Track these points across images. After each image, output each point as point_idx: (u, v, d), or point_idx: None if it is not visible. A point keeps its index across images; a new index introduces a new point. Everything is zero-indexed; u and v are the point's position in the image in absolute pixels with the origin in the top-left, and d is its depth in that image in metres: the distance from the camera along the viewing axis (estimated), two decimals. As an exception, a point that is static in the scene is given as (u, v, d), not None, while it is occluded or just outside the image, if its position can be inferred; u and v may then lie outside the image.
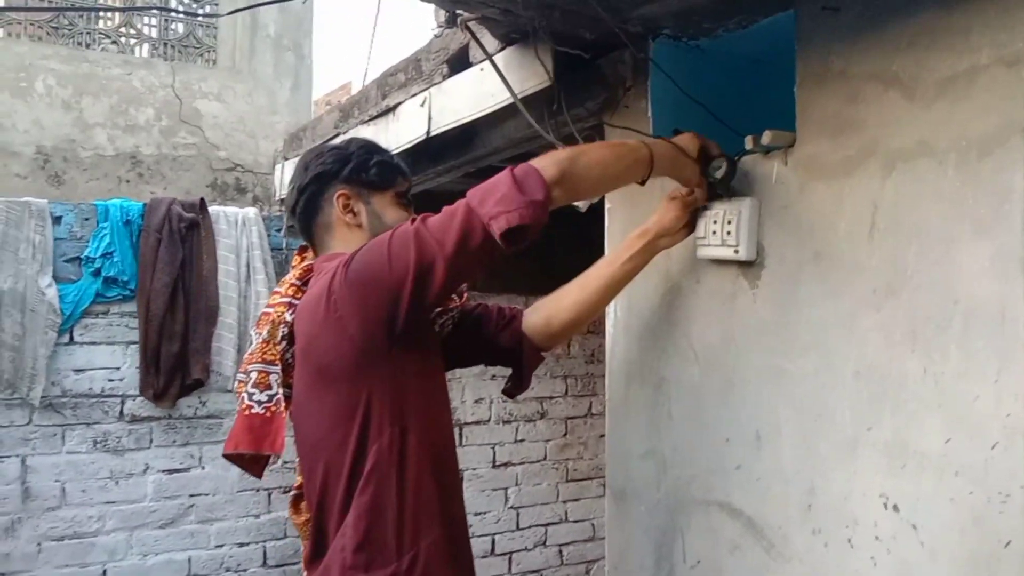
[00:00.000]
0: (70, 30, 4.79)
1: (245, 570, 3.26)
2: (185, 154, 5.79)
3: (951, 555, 1.23)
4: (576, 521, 4.06)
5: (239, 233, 3.16)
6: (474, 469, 3.75)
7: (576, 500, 4.05)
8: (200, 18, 6.13)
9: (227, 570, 3.26)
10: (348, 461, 1.30)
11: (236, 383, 1.52)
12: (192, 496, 3.17)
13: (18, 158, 4.13)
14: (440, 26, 1.87)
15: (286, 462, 3.33)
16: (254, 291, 3.17)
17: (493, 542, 3.82)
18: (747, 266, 1.55)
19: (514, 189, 1.23)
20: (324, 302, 1.28)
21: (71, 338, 3.06)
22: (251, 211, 3.23)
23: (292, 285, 1.46)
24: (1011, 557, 1.16)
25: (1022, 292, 1.16)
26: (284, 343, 1.39)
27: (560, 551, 4.02)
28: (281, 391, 1.38)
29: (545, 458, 3.96)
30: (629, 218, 1.81)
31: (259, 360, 1.39)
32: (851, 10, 1.39)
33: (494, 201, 1.23)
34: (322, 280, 1.33)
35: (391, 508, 1.29)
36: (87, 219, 3.14)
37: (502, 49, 1.90)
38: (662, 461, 1.71)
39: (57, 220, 3.08)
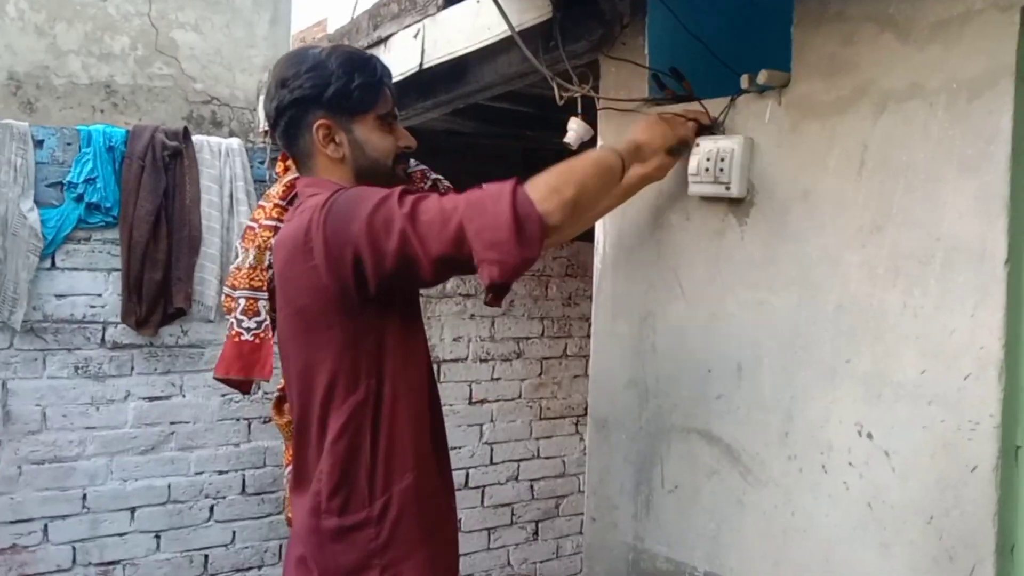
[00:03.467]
0: (44, -49, 4.63)
1: (224, 497, 3.30)
2: (161, 85, 5.66)
3: (921, 479, 1.30)
4: (548, 458, 4.15)
5: (222, 164, 3.13)
6: (451, 405, 3.80)
7: (548, 438, 4.13)
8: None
9: (206, 497, 3.30)
10: (320, 402, 1.32)
11: (224, 298, 1.53)
12: (172, 424, 3.19)
13: (-11, 83, 4.02)
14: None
15: (267, 392, 3.36)
16: (237, 222, 3.15)
17: (467, 475, 3.90)
18: (737, 203, 1.58)
19: (513, 237, 1.17)
20: (301, 245, 1.26)
21: (53, 263, 3.02)
22: (235, 142, 3.19)
23: (276, 205, 1.46)
24: (977, 481, 1.23)
25: (1003, 230, 1.21)
26: (270, 270, 1.39)
27: (531, 486, 4.11)
28: (268, 317, 1.39)
29: (520, 396, 4.02)
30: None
31: (247, 286, 1.40)
32: (851, -49, 1.40)
33: (490, 241, 1.18)
34: (301, 219, 1.29)
35: (364, 456, 1.31)
36: (69, 144, 3.09)
37: (500, -20, 1.88)
38: (644, 391, 1.76)
39: (39, 144, 3.02)
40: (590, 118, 1.92)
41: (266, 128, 3.26)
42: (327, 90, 1.37)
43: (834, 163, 1.43)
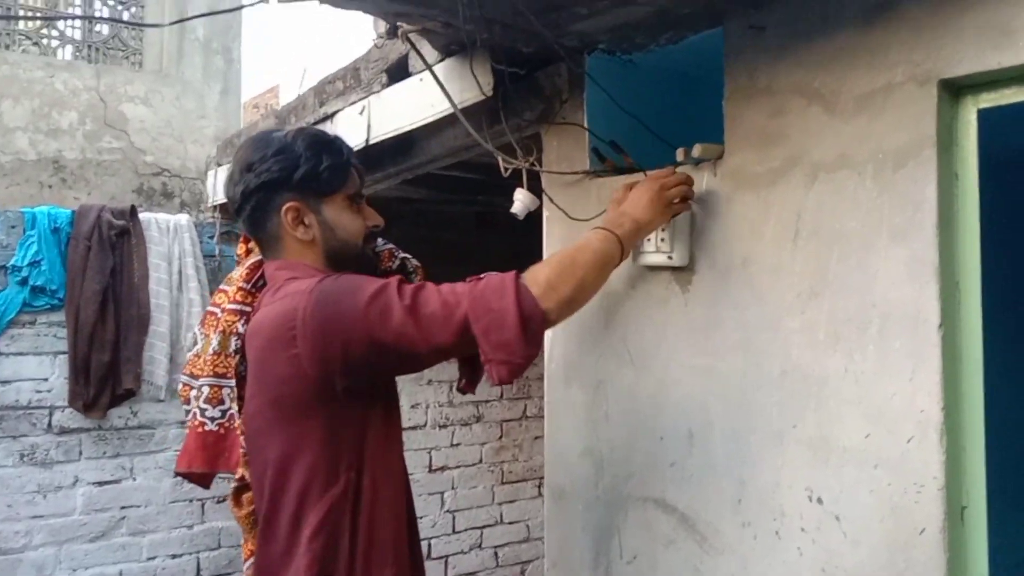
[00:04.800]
0: (-11, 31, 4.63)
1: (179, 582, 3.20)
2: (110, 159, 5.63)
3: (871, 543, 1.30)
4: (511, 523, 4.09)
5: (171, 240, 3.09)
6: (411, 474, 3.72)
7: (511, 502, 4.08)
8: (126, 25, 5.99)
9: (160, 582, 3.19)
10: (296, 495, 1.27)
11: (181, 387, 1.49)
12: (123, 508, 3.08)
13: (-66, 163, 3.96)
14: (380, 36, 1.87)
15: (222, 475, 3.28)
16: (187, 299, 3.11)
17: (430, 546, 3.82)
18: (679, 271, 1.60)
19: (521, 336, 1.19)
20: (283, 332, 1.23)
21: (-4, 349, 2.95)
22: (183, 218, 3.16)
23: (240, 289, 1.42)
24: (925, 543, 1.23)
25: (934, 296, 1.23)
26: (237, 356, 1.36)
27: (495, 553, 4.04)
28: (234, 406, 1.35)
29: (481, 461, 3.98)
30: (569, 226, 1.85)
31: (210, 373, 1.35)
32: (776, 28, 1.45)
33: (498, 341, 1.19)
34: (282, 304, 1.27)
35: (343, 553, 1.27)
36: (13, 227, 3.04)
37: (442, 60, 1.92)
38: (600, 460, 1.75)
39: (-19, 228, 2.97)
40: (536, 188, 1.94)
41: (215, 203, 3.24)
42: (296, 172, 1.36)
43: (770, 232, 1.46)
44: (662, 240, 1.57)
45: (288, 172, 1.37)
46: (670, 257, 1.57)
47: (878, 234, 1.31)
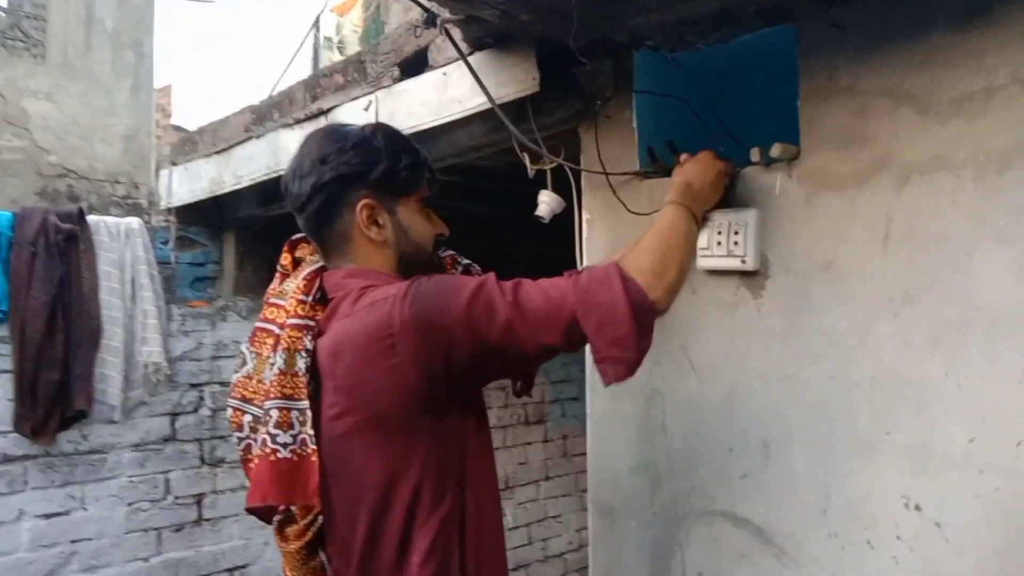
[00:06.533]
0: None
1: (133, 621, 2.98)
2: (10, 158, 5.28)
3: (977, 549, 1.32)
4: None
5: (122, 246, 2.90)
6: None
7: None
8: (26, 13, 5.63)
9: (111, 623, 2.96)
10: (401, 518, 1.21)
11: (231, 413, 1.38)
12: (74, 542, 2.86)
13: None
14: (416, 25, 1.79)
15: (177, 498, 3.09)
16: (140, 309, 2.92)
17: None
18: (750, 276, 1.59)
19: (635, 331, 1.16)
20: (379, 342, 1.17)
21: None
22: (134, 221, 2.96)
23: (301, 302, 1.32)
24: (1041, 547, 1.25)
25: (1046, 297, 1.26)
26: (308, 375, 1.25)
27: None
28: (305, 430, 1.25)
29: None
30: (611, 228, 1.82)
31: (278, 395, 1.25)
32: (860, 28, 1.46)
33: (613, 337, 1.16)
34: (370, 314, 1.20)
35: (455, 574, 1.23)
36: (-60, 231, 2.78)
37: (471, 54, 1.85)
38: (656, 475, 1.72)
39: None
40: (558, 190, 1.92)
41: (170, 206, 3.06)
42: (375, 168, 1.32)
43: (856, 234, 1.47)
44: (735, 244, 1.56)
45: (367, 167, 1.33)
46: (744, 261, 1.56)
47: (981, 237, 1.33)
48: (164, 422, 3.07)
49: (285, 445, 1.24)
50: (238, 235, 3.27)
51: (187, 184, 2.94)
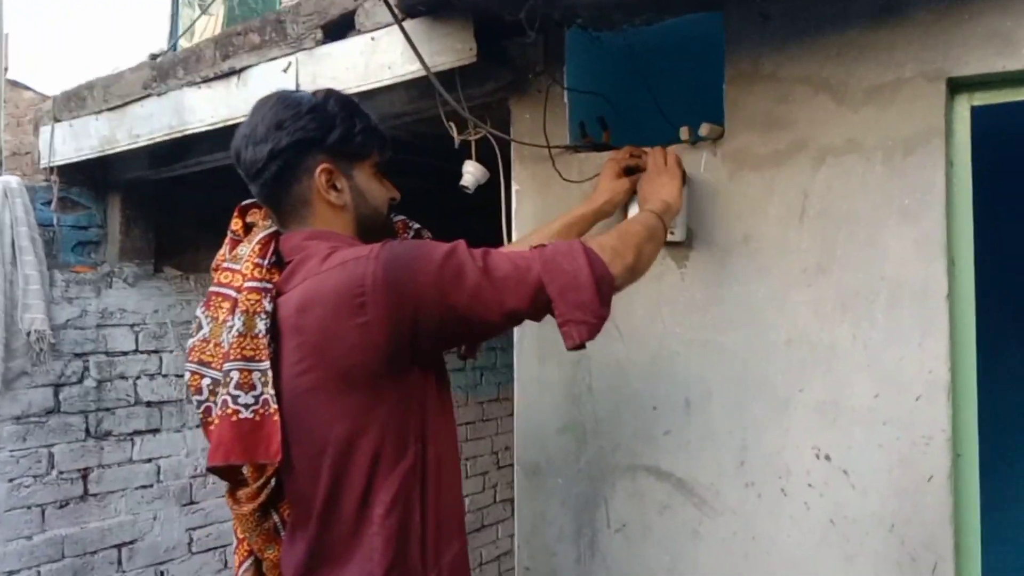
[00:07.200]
0: None
1: (14, 601, 2.86)
2: None
3: (880, 492, 1.51)
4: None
5: (0, 207, 2.74)
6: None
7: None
8: None
9: (-11, 605, 2.84)
10: (364, 472, 1.27)
11: (189, 376, 1.39)
12: (-50, 520, 2.71)
13: None
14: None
15: (62, 472, 2.98)
16: (22, 275, 2.78)
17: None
18: (675, 247, 1.73)
19: (597, 297, 1.26)
20: (349, 301, 1.21)
21: None
22: (12, 180, 2.81)
23: (257, 265, 1.34)
24: (933, 489, 1.46)
25: (942, 270, 1.45)
26: (268, 336, 1.28)
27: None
28: (267, 391, 1.28)
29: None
30: (541, 199, 1.91)
31: (239, 356, 1.27)
32: (782, 19, 1.61)
33: (576, 301, 1.25)
34: (340, 273, 1.24)
35: (415, 528, 1.29)
36: None
37: (404, 19, 1.89)
38: (582, 434, 1.85)
39: None
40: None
41: (51, 164, 2.91)
42: (331, 133, 1.35)
43: (774, 211, 1.62)
44: (665, 217, 1.67)
45: (323, 132, 1.36)
46: (672, 232, 1.68)
47: (887, 214, 1.51)
48: (47, 393, 2.95)
49: (247, 406, 1.27)
50: (124, 198, 3.15)
51: (72, 142, 2.81)
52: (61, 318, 2.97)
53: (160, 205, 3.30)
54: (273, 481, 1.39)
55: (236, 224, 1.47)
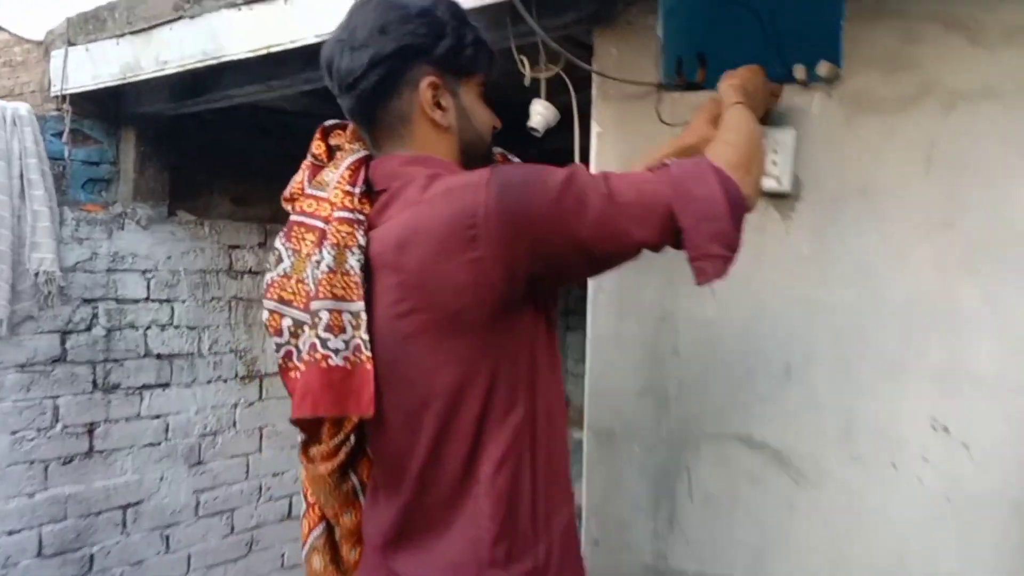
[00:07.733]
0: None
1: (16, 563, 2.74)
2: None
3: (1003, 468, 1.44)
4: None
5: (8, 135, 2.59)
6: (273, 426, 3.49)
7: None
8: None
9: (-11, 565, 2.73)
10: (473, 425, 1.17)
11: (267, 316, 1.26)
12: (-51, 476, 2.58)
13: None
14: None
15: (67, 426, 2.84)
16: (31, 210, 2.64)
17: (290, 504, 3.59)
18: (780, 198, 1.64)
19: (733, 226, 1.16)
20: (459, 234, 1.10)
21: None
22: (22, 107, 2.65)
23: (347, 192, 1.22)
24: (1066, 464, 1.36)
25: (1087, 227, 1.35)
26: (361, 274, 1.15)
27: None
28: (359, 335, 1.15)
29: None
30: (625, 141, 1.80)
31: (328, 295, 1.15)
32: (914, -51, 1.49)
33: (712, 232, 1.14)
34: (445, 204, 1.13)
35: (526, 490, 1.19)
36: None
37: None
38: (664, 398, 1.76)
39: None
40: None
41: (64, 92, 2.74)
42: (441, 42, 1.23)
43: (896, 159, 1.54)
44: (773, 163, 1.58)
45: (432, 40, 1.23)
46: (779, 182, 1.58)
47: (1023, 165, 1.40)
48: (54, 340, 2.82)
49: (337, 351, 1.16)
50: (139, 133, 3.00)
51: (90, 68, 2.64)
52: (70, 260, 2.84)
53: (177, 143, 3.16)
54: (351, 439, 1.28)
55: (318, 147, 1.34)
